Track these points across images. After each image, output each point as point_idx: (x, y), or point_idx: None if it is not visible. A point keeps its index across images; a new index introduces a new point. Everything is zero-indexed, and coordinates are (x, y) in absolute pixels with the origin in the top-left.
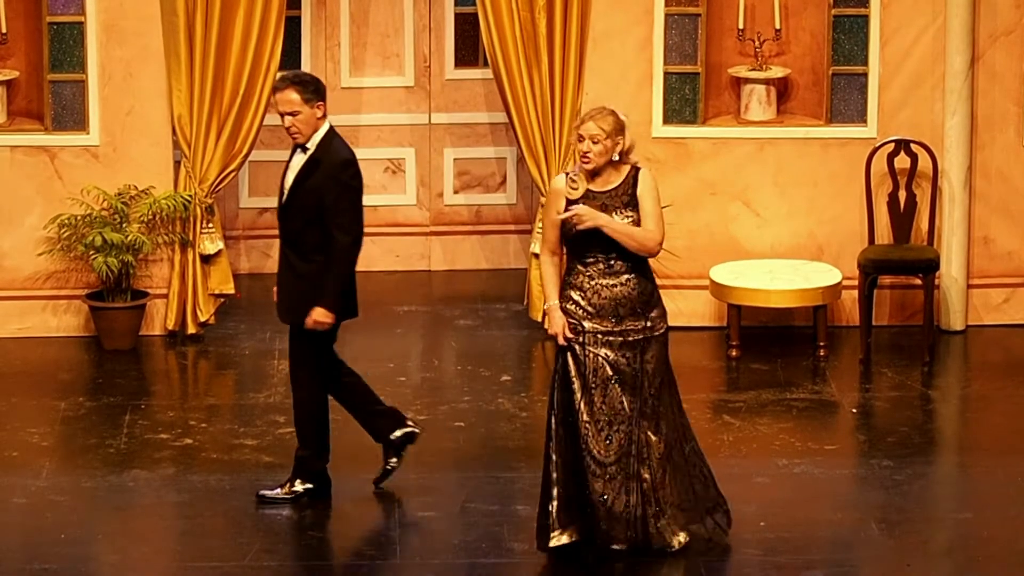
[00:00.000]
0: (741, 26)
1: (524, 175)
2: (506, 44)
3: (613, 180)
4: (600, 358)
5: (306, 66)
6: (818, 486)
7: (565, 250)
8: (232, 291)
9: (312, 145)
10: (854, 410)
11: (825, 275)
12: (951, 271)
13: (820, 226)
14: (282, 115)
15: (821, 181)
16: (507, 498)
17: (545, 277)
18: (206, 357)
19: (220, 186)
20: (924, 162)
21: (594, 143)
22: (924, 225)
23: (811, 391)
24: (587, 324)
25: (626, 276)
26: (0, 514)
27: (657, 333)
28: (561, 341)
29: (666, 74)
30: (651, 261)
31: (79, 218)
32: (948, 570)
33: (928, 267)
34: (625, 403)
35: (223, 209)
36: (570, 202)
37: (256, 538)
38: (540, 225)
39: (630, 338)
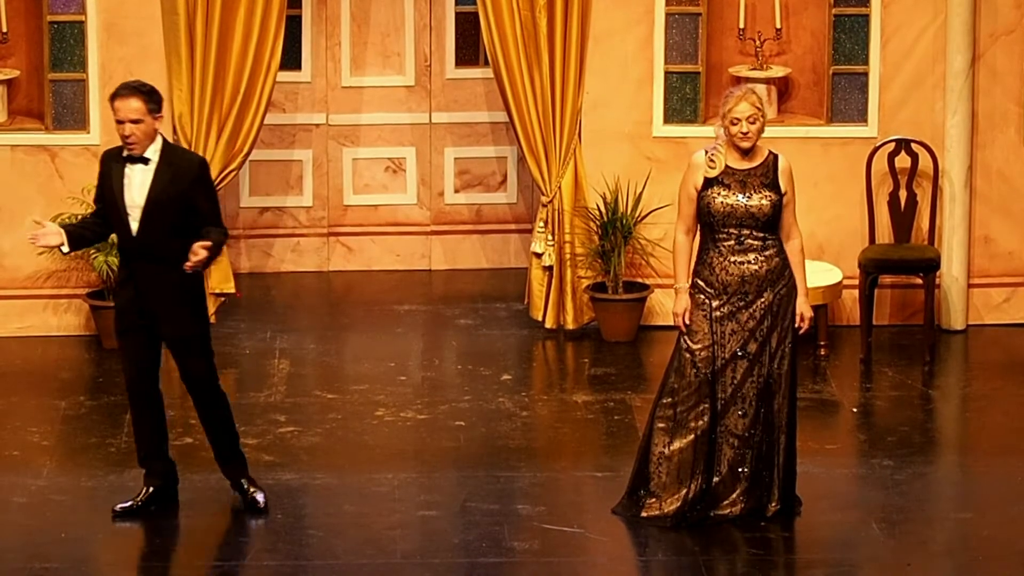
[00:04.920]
0: (742, 25)
1: (525, 174)
2: (507, 43)
3: (754, 159)
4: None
5: (306, 65)
6: (818, 486)
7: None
8: (232, 290)
9: (153, 155)
10: (855, 409)
11: (826, 274)
12: (952, 270)
13: (821, 225)
14: (121, 122)
15: (822, 180)
16: (507, 498)
17: (678, 255)
18: None
19: (220, 185)
20: (925, 161)
21: (751, 122)
22: (925, 224)
23: (812, 390)
24: (714, 302)
25: (754, 254)
26: (0, 514)
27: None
28: (678, 323)
29: (667, 73)
30: (653, 260)
31: (79, 217)
32: (948, 570)
33: (929, 266)
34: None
35: (223, 208)
36: (708, 180)
37: (256, 538)
38: (540, 225)
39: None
